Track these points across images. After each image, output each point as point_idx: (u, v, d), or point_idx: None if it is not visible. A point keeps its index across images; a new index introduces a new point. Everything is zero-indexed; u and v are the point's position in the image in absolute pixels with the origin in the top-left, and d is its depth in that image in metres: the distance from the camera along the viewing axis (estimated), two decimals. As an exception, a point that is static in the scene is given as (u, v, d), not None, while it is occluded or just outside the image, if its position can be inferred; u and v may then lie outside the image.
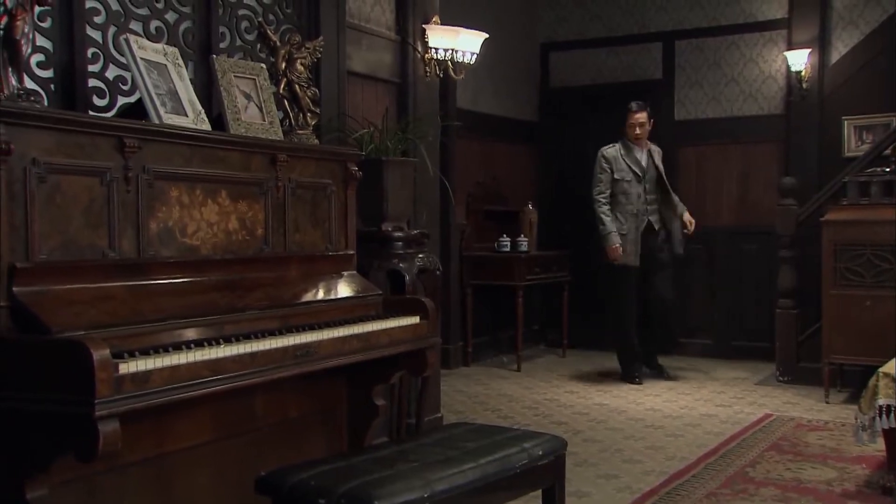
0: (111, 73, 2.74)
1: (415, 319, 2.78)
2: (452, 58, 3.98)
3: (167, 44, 2.90)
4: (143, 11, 2.85)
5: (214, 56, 2.73)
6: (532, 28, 7.63)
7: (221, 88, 2.63)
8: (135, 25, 2.82)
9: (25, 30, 2.01)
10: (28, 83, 2.31)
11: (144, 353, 1.95)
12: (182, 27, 2.99)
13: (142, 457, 2.20)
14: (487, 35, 4.11)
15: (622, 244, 5.65)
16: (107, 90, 2.72)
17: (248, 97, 2.70)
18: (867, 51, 6.48)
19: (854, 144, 6.55)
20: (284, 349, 2.25)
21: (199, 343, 2.11)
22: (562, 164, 7.61)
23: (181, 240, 2.35)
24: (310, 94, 2.89)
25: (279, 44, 2.86)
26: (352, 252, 2.93)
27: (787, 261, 5.78)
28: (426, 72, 4.04)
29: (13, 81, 2.01)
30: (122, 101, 2.76)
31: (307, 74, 2.88)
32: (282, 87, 2.84)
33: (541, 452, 2.32)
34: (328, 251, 2.85)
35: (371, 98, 3.87)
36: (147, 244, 2.24)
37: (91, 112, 2.66)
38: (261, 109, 2.73)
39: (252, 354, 2.15)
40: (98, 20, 2.71)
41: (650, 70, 7.30)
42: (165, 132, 2.30)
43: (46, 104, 2.54)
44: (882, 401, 3.36)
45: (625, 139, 5.79)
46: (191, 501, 2.36)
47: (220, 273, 2.40)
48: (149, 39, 2.85)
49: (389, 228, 3.37)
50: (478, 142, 6.78)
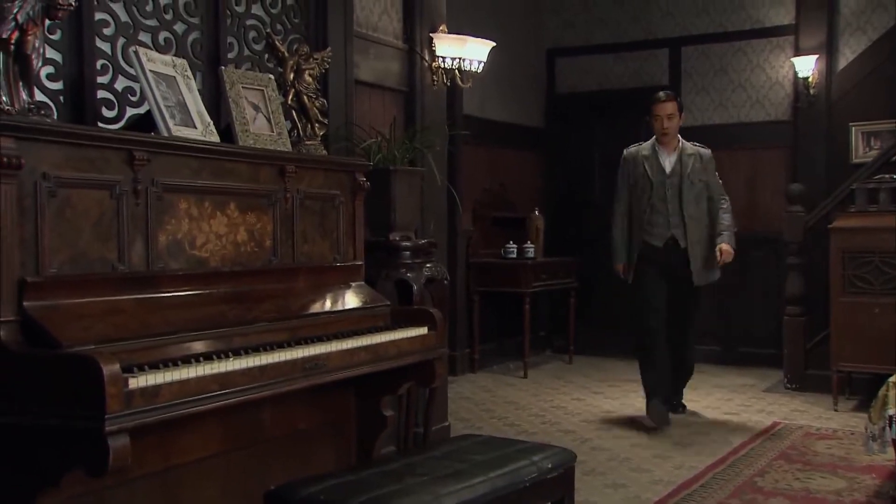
0: (120, 85, 2.75)
1: (423, 330, 2.78)
2: (460, 66, 3.98)
3: (175, 54, 2.91)
4: (152, 22, 2.85)
5: (223, 67, 2.73)
6: (538, 34, 7.63)
7: (230, 100, 2.64)
8: (144, 37, 2.83)
9: (36, 44, 2.02)
10: (38, 95, 2.31)
11: (154, 368, 1.95)
12: (190, 38, 3.00)
13: (150, 470, 2.20)
14: (494, 43, 4.11)
15: (632, 259, 4.81)
16: (116, 102, 2.73)
17: (257, 108, 2.71)
18: (875, 57, 6.46)
19: (862, 151, 6.52)
20: (293, 362, 2.25)
21: (208, 356, 2.11)
22: (568, 170, 7.60)
23: (190, 252, 2.35)
24: (318, 105, 2.89)
25: (287, 55, 2.86)
26: (360, 262, 2.92)
27: (795, 267, 5.76)
28: (433, 80, 4.04)
29: (24, 95, 2.02)
30: (131, 113, 2.76)
31: (315, 85, 2.88)
32: (290, 98, 2.84)
33: (550, 465, 2.32)
34: (336, 262, 2.85)
35: (378, 107, 3.87)
36: (156, 257, 2.24)
37: (100, 124, 2.67)
38: (269, 121, 2.74)
39: (261, 368, 2.15)
40: (107, 32, 2.72)
41: (657, 76, 7.29)
42: (174, 145, 2.31)
43: (56, 116, 2.55)
44: (892, 411, 3.34)
45: (655, 139, 4.79)
46: (199, 514, 2.36)
47: (229, 285, 2.40)
48: (157, 50, 2.86)
49: (397, 238, 3.37)
50: (484, 148, 6.77)
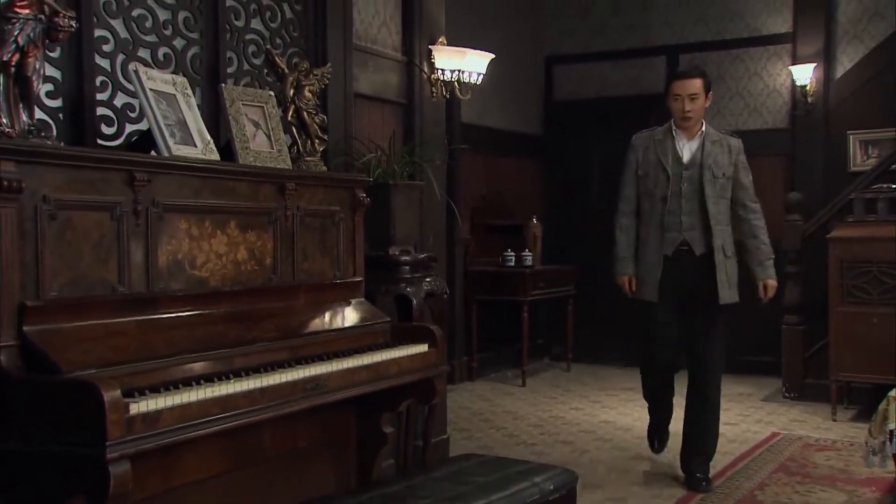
0: (119, 101, 2.74)
1: (423, 348, 2.78)
2: (459, 78, 3.98)
3: (175, 70, 2.91)
4: (151, 38, 2.85)
5: (223, 85, 2.73)
6: (536, 41, 7.64)
7: (230, 117, 2.63)
8: (143, 53, 2.82)
9: (37, 66, 2.01)
10: (37, 114, 2.31)
11: (155, 391, 1.94)
12: (190, 53, 2.99)
13: (150, 493, 2.19)
14: (494, 55, 4.11)
15: (637, 272, 3.82)
16: (115, 118, 2.72)
17: (257, 125, 2.70)
18: (872, 65, 6.48)
19: (860, 159, 6.54)
20: (294, 383, 2.24)
21: (209, 378, 2.10)
22: (566, 178, 7.61)
23: (190, 272, 2.34)
24: (318, 121, 2.89)
25: (287, 71, 2.86)
26: (360, 279, 2.92)
27: (793, 276, 5.77)
28: (433, 92, 4.04)
29: (24, 117, 2.01)
30: (131, 129, 2.76)
31: (315, 101, 2.88)
32: (290, 115, 2.84)
33: (552, 487, 2.31)
34: (336, 278, 2.84)
35: (378, 119, 3.87)
36: (156, 277, 2.24)
37: (99, 141, 2.66)
38: (269, 137, 2.73)
39: (262, 390, 2.14)
40: (107, 48, 2.71)
41: (654, 84, 7.29)
42: (175, 165, 2.30)
43: (55, 134, 2.54)
44: (893, 425, 3.34)
45: (673, 122, 3.80)
46: (200, 535, 2.36)
47: (230, 304, 2.40)
48: (157, 66, 2.86)
49: (397, 252, 3.36)
50: (482, 156, 6.78)
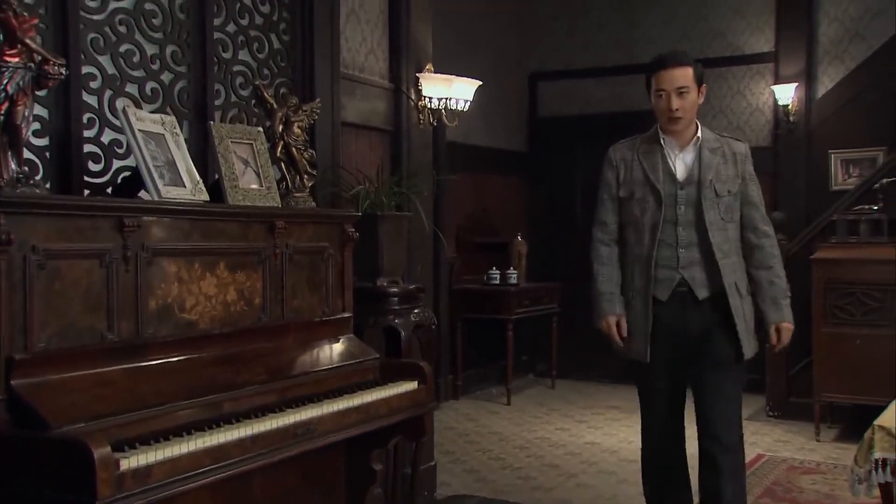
0: (107, 138, 2.73)
1: (412, 385, 2.78)
2: (446, 106, 3.99)
3: (162, 104, 2.90)
4: (139, 73, 2.84)
5: (212, 122, 2.72)
6: (521, 58, 7.68)
7: (219, 155, 2.62)
8: (130, 88, 2.81)
9: (26, 113, 2.00)
10: (24, 153, 2.29)
11: (145, 443, 1.93)
12: (177, 87, 2.98)
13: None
14: (481, 82, 4.13)
15: (621, 319, 2.91)
16: (102, 155, 2.71)
17: (246, 163, 2.70)
18: (853, 85, 6.57)
19: (841, 178, 6.63)
20: (285, 429, 2.24)
21: (199, 426, 2.10)
22: (551, 194, 7.65)
23: (179, 315, 2.33)
24: (307, 156, 2.89)
25: (276, 106, 2.86)
26: (349, 315, 2.92)
27: (777, 296, 5.81)
28: (420, 120, 4.05)
29: (13, 165, 2.00)
30: (118, 165, 2.74)
31: (304, 137, 2.88)
32: (279, 151, 2.84)
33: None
34: (325, 315, 2.84)
35: (365, 147, 3.87)
36: (146, 323, 2.23)
37: (87, 178, 2.65)
38: (258, 175, 2.73)
39: (253, 438, 2.14)
40: (94, 85, 2.70)
41: (638, 101, 7.30)
42: (165, 209, 2.29)
43: (42, 173, 2.52)
44: (878, 454, 3.38)
45: (659, 127, 2.90)
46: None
47: (219, 348, 2.39)
48: (144, 101, 2.85)
49: (385, 283, 3.37)
50: (468, 174, 6.80)
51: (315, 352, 2.71)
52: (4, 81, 1.95)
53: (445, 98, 3.95)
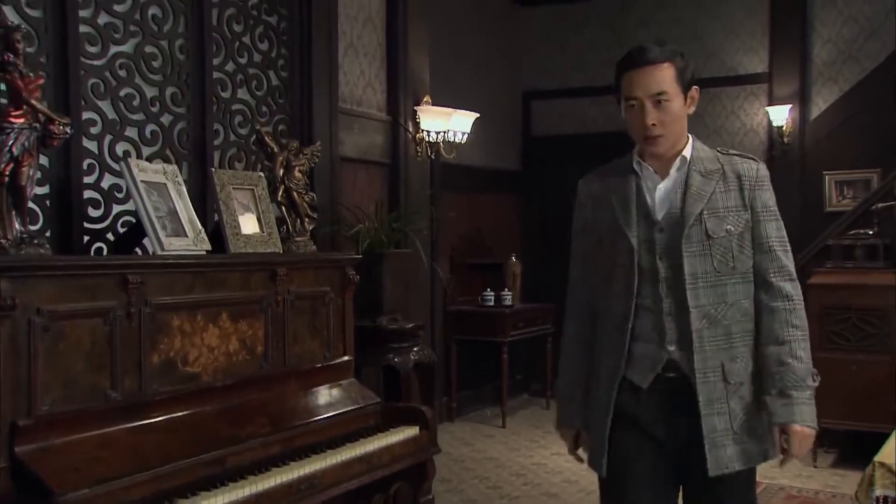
0: (106, 183, 2.74)
1: (414, 430, 2.79)
2: (444, 138, 4.01)
3: (162, 146, 2.91)
4: (139, 117, 2.84)
5: (213, 169, 2.73)
6: (514, 77, 7.72)
7: (220, 202, 2.63)
8: (130, 132, 2.82)
9: (31, 173, 2.00)
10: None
11: (150, 508, 1.94)
12: (177, 128, 2.99)
13: None
14: (479, 114, 4.16)
15: (580, 434, 2.18)
16: (102, 200, 2.71)
17: (247, 209, 2.71)
18: (847, 107, 6.64)
19: (835, 199, 6.70)
20: (290, 485, 2.25)
21: (204, 485, 2.10)
22: (545, 214, 7.68)
23: (182, 369, 2.34)
24: (307, 200, 2.90)
25: (277, 150, 2.87)
26: (349, 358, 2.93)
27: (772, 320, 5.85)
28: (417, 152, 4.07)
29: (17, 225, 2.00)
30: (118, 210, 2.75)
31: (305, 181, 2.89)
32: (280, 195, 2.85)
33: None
34: (326, 360, 2.85)
35: (363, 180, 3.89)
36: (149, 379, 2.23)
37: (86, 224, 2.65)
38: (259, 221, 2.74)
39: (258, 496, 2.14)
40: (94, 131, 2.70)
41: (633, 120, 7.41)
42: (168, 264, 2.30)
43: (42, 221, 2.52)
44: (879, 491, 3.41)
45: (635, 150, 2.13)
46: None
47: (221, 400, 2.40)
48: (144, 144, 2.86)
49: (384, 322, 3.38)
50: (463, 194, 6.81)
51: (316, 398, 2.71)
52: (10, 143, 1.95)
53: (444, 131, 3.96)
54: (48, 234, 2.52)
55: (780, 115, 6.67)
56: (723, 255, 1.99)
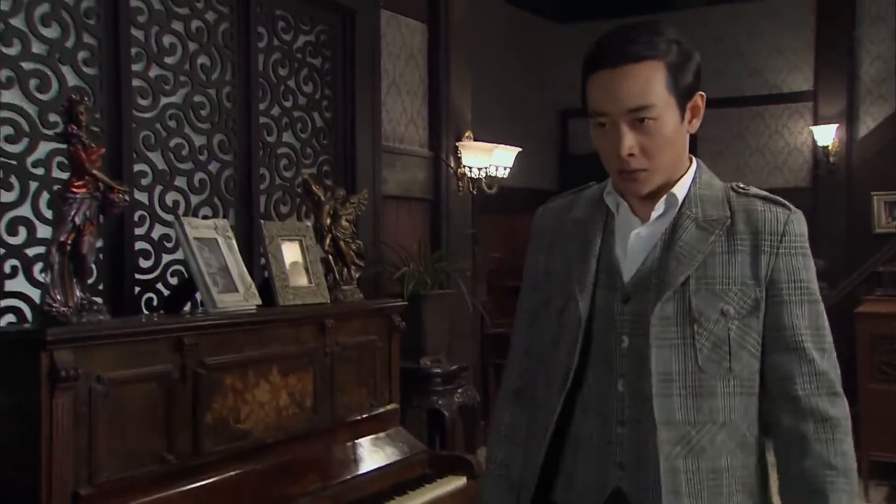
0: (157, 233, 2.80)
1: (461, 481, 2.82)
2: (486, 174, 4.04)
3: (209, 194, 2.97)
4: (187, 166, 2.91)
5: (262, 221, 2.78)
6: (551, 95, 7.73)
7: (269, 255, 2.68)
8: (179, 181, 2.88)
9: (91, 241, 2.07)
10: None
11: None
12: (224, 175, 3.05)
13: None
14: (520, 149, 4.18)
15: None
16: (153, 251, 2.78)
17: (296, 260, 2.76)
18: (896, 126, 6.56)
19: (884, 221, 6.61)
20: (342, 547, 2.28)
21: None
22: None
23: (234, 426, 2.39)
24: (354, 248, 2.94)
25: (324, 199, 2.92)
26: (396, 406, 2.97)
27: (819, 349, 5.80)
28: (459, 187, 4.10)
29: (77, 293, 2.07)
30: (167, 259, 2.81)
31: (352, 229, 2.93)
32: (327, 244, 2.89)
33: None
34: (373, 408, 2.89)
35: (405, 217, 3.93)
36: (202, 439, 2.28)
37: (137, 276, 2.72)
38: (307, 271, 2.79)
39: (312, 560, 2.19)
40: (145, 182, 2.77)
41: (673, 139, 7.38)
42: (221, 324, 2.35)
43: (95, 275, 2.59)
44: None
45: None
46: None
47: (272, 457, 2.44)
48: (192, 192, 2.92)
49: (428, 363, 3.41)
50: (500, 216, 6.84)
51: (364, 450, 2.75)
52: (72, 213, 2.02)
53: (486, 167, 4.00)
54: (101, 287, 2.59)
55: (826, 135, 6.60)
56: (713, 349, 1.34)
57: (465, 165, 4.01)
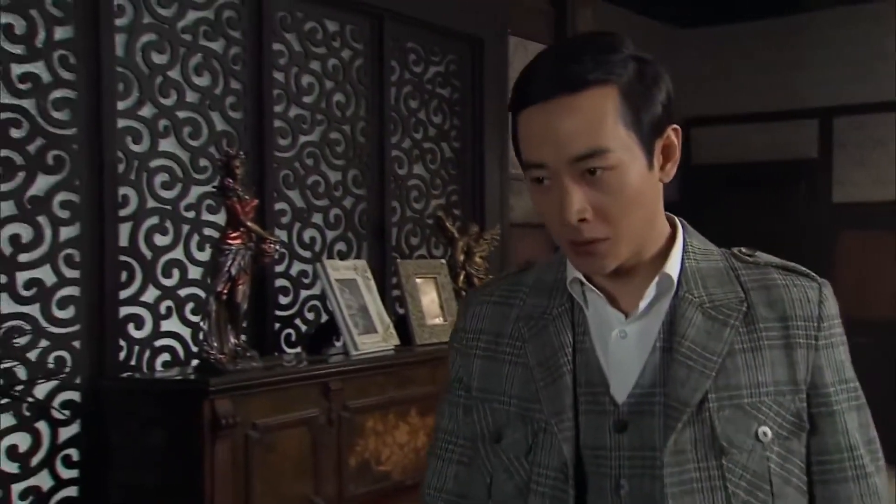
0: (295, 269, 2.91)
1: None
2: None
3: (344, 229, 3.07)
4: (323, 202, 3.01)
5: (399, 260, 2.86)
6: (675, 102, 7.57)
7: (406, 294, 2.76)
8: (316, 218, 2.99)
9: (245, 290, 2.18)
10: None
11: None
12: (358, 209, 3.14)
13: None
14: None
15: None
16: (291, 287, 2.89)
17: (431, 298, 2.82)
18: None
19: None
20: None
21: None
22: (705, 247, 7.50)
23: (375, 469, 2.47)
24: (484, 283, 2.98)
25: (458, 235, 2.97)
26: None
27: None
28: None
29: (232, 339, 2.18)
30: (305, 295, 2.92)
31: (486, 265, 2.97)
32: (460, 280, 2.94)
33: None
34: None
35: (530, 244, 3.94)
36: (346, 482, 2.37)
37: (277, 312, 2.83)
38: (442, 308, 2.84)
39: None
40: (284, 220, 2.89)
41: (804, 148, 7.11)
42: (364, 368, 2.43)
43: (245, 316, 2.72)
44: None
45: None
46: None
47: (411, 499, 2.50)
48: (328, 228, 3.02)
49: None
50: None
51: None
52: (228, 263, 2.13)
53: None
54: (244, 324, 2.72)
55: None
56: (750, 491, 1.00)
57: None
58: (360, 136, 3.15)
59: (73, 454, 2.25)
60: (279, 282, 2.88)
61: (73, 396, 2.26)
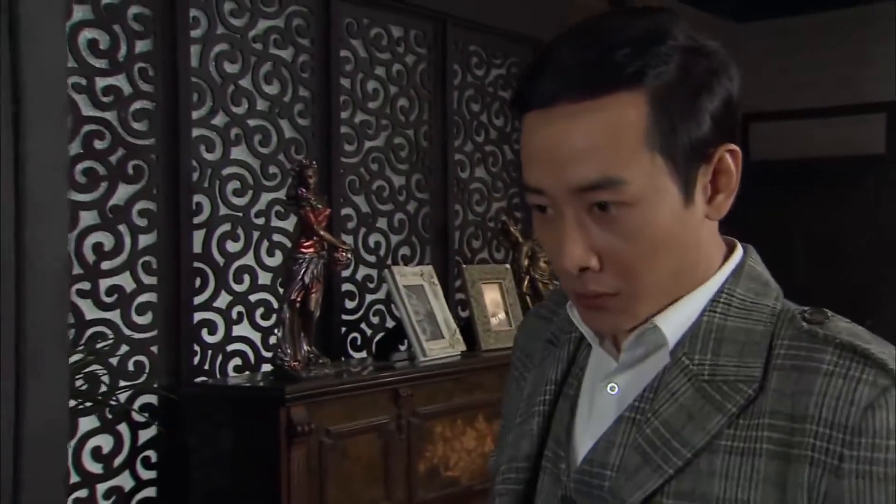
0: (360, 274, 2.97)
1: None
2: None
3: (408, 234, 3.11)
4: (388, 207, 3.06)
5: (465, 266, 2.89)
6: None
7: (471, 299, 2.79)
8: (380, 222, 3.04)
9: (318, 298, 2.23)
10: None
11: None
12: (421, 213, 3.18)
13: None
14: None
15: None
16: (357, 292, 2.94)
17: (496, 304, 2.84)
18: None
19: None
20: None
21: None
22: (763, 245, 7.34)
23: (444, 475, 2.51)
24: (552, 289, 2.99)
25: (522, 240, 2.99)
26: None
27: None
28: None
29: (305, 346, 2.23)
30: (370, 299, 2.97)
31: (550, 270, 2.98)
32: (525, 286, 2.96)
33: None
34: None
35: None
36: (415, 488, 2.41)
37: (343, 317, 2.89)
38: (507, 314, 2.87)
39: None
40: (350, 225, 2.94)
41: (870, 144, 6.95)
42: (433, 374, 2.47)
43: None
44: None
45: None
46: None
47: (479, 504, 2.54)
48: (392, 233, 3.07)
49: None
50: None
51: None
52: (301, 272, 2.19)
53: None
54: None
55: None
56: None
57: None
58: (424, 141, 3.19)
59: (152, 456, 2.33)
60: (346, 286, 2.93)
61: (151, 400, 2.34)
